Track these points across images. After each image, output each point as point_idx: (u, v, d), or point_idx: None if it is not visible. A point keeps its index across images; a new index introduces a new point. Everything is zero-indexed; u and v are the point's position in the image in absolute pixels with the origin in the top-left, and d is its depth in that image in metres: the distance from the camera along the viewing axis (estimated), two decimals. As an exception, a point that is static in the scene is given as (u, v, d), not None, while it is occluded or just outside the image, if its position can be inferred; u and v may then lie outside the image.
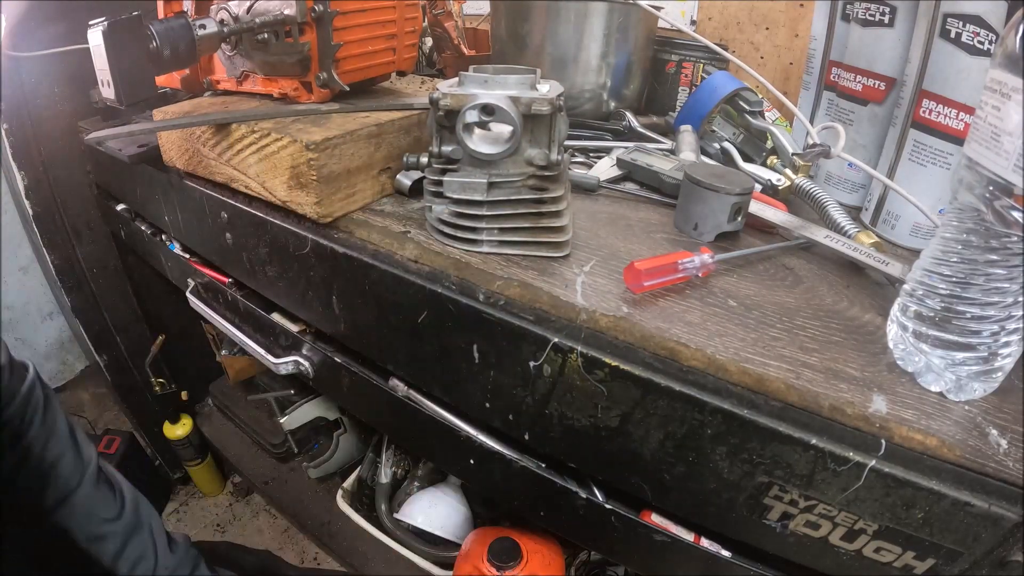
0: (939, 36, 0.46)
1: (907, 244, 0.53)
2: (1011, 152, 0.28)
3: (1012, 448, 0.31)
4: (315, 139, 0.48)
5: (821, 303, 0.42)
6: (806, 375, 0.35)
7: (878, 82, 0.56)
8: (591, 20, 0.71)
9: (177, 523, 1.20)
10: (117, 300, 1.07)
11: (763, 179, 0.58)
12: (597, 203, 0.58)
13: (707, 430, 0.37)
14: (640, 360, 0.38)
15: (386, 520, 0.88)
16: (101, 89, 0.51)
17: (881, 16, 0.53)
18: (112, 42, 0.48)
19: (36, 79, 0.86)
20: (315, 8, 0.51)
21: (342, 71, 0.56)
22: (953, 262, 0.32)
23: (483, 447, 0.51)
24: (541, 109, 0.41)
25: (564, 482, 0.47)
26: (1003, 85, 0.28)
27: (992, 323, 0.31)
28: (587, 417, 0.41)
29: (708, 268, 0.43)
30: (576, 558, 0.76)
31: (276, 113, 0.54)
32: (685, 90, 0.82)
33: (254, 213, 0.57)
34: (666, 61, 0.82)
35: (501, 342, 0.43)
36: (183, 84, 0.65)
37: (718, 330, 0.38)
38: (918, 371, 0.35)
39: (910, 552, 0.34)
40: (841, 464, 0.33)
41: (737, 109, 0.68)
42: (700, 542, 0.44)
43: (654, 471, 0.41)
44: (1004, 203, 0.29)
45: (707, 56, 0.80)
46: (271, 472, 1.12)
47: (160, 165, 0.65)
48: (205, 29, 0.52)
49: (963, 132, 0.46)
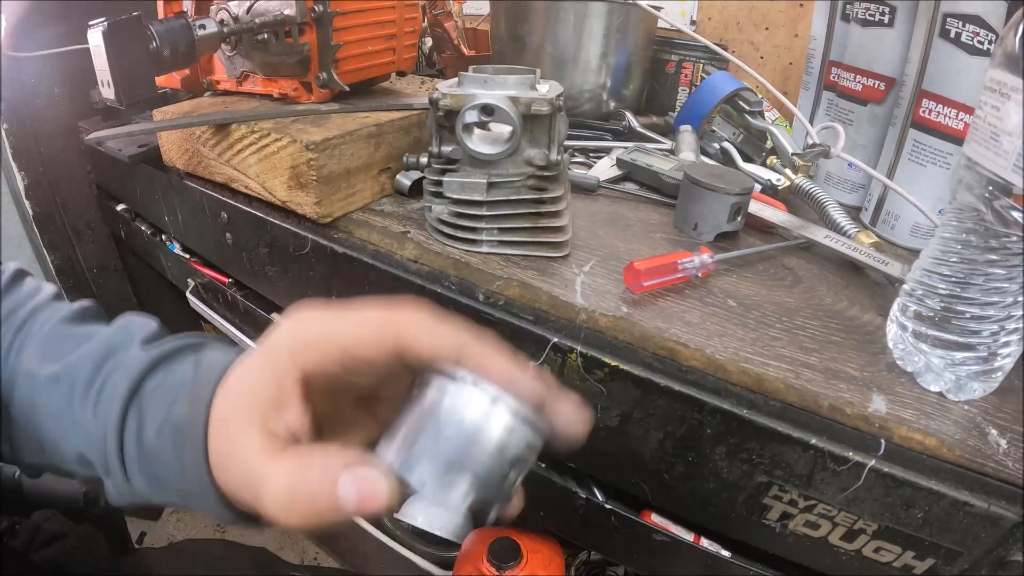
0: (939, 36, 0.46)
1: (907, 244, 0.53)
2: (1011, 152, 0.28)
3: (1012, 448, 0.31)
4: (315, 139, 0.48)
5: (821, 303, 0.42)
6: (805, 375, 0.35)
7: (878, 82, 0.56)
8: (591, 20, 0.71)
9: (177, 523, 1.19)
10: (117, 300, 1.07)
11: (763, 179, 0.58)
12: (597, 203, 0.58)
13: (706, 430, 0.37)
14: (640, 360, 0.38)
15: (386, 520, 0.88)
16: (101, 89, 0.51)
17: (881, 16, 0.53)
18: (112, 42, 0.48)
19: (36, 79, 0.86)
20: (315, 8, 0.51)
21: (342, 71, 0.56)
22: (953, 262, 0.32)
23: (483, 447, 0.51)
24: (541, 109, 0.41)
25: (564, 482, 0.47)
26: (1003, 85, 0.28)
27: (992, 323, 0.31)
28: (587, 417, 0.41)
29: (708, 268, 0.43)
30: (576, 558, 0.76)
31: (276, 113, 0.54)
32: (685, 90, 0.82)
33: (254, 213, 0.57)
34: (666, 61, 0.82)
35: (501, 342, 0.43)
36: (183, 84, 0.65)
37: (717, 330, 0.38)
38: (918, 371, 0.35)
39: (910, 552, 0.34)
40: (841, 464, 0.33)
41: (737, 109, 0.68)
42: (700, 542, 0.44)
43: (654, 471, 0.41)
44: (1004, 203, 0.29)
45: (707, 56, 0.80)
46: (271, 472, 1.12)
47: (160, 165, 0.65)
48: (205, 29, 0.52)
49: (963, 132, 0.46)
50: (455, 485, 0.22)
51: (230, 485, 0.24)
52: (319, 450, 0.23)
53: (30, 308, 0.33)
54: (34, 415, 0.29)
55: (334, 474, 0.22)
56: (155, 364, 0.28)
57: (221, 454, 0.24)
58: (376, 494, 0.21)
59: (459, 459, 0.22)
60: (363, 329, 0.25)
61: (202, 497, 0.25)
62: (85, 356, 0.30)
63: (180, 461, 0.25)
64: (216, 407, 0.25)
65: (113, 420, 0.27)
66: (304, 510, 0.22)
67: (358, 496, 0.21)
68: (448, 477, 0.22)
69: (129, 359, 0.29)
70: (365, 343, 0.24)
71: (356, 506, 0.21)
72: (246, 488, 0.23)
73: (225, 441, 0.24)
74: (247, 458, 0.23)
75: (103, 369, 0.29)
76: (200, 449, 0.24)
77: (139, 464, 0.27)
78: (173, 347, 0.30)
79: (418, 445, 0.23)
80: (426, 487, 0.22)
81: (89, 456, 0.28)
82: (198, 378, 0.27)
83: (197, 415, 0.25)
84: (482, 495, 0.23)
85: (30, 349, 0.31)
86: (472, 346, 0.24)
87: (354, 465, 0.22)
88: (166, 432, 0.26)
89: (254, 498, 0.23)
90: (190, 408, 0.25)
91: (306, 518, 0.22)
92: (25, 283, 0.35)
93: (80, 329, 0.32)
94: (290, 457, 0.23)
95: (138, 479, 0.27)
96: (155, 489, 0.27)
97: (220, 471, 0.24)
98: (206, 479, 0.25)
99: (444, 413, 0.23)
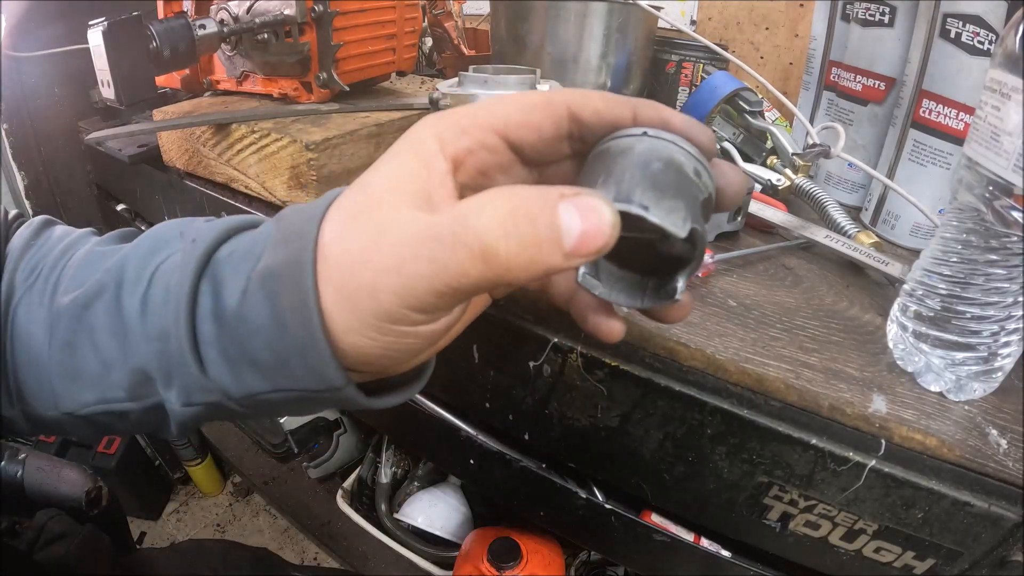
0: (939, 36, 0.46)
1: (907, 244, 0.53)
2: (1011, 152, 0.28)
3: (1012, 448, 0.31)
4: (315, 139, 0.48)
5: (821, 303, 0.42)
6: (806, 375, 0.35)
7: (878, 82, 0.56)
8: (591, 20, 0.71)
9: (177, 523, 1.20)
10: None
11: (763, 179, 0.58)
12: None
13: (707, 430, 0.37)
14: (640, 360, 0.38)
15: (386, 520, 0.88)
16: (101, 89, 0.51)
17: (881, 16, 0.53)
18: (112, 42, 0.48)
19: (36, 79, 0.86)
20: (315, 8, 0.51)
21: (342, 71, 0.56)
22: (953, 262, 0.32)
23: (483, 447, 0.51)
24: (541, 109, 0.41)
25: (564, 482, 0.47)
26: (1003, 85, 0.28)
27: (992, 323, 0.31)
28: (587, 417, 0.41)
29: (708, 268, 0.43)
30: (576, 558, 0.76)
31: (276, 113, 0.54)
32: (685, 90, 0.82)
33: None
34: (666, 61, 0.82)
35: (501, 342, 0.43)
36: (183, 84, 0.65)
37: (718, 330, 0.38)
38: (918, 371, 0.35)
39: (910, 552, 0.34)
40: (841, 464, 0.33)
41: (737, 109, 0.68)
42: (700, 542, 0.44)
43: (654, 471, 0.41)
44: (1004, 203, 0.28)
45: (707, 56, 0.80)
46: (271, 472, 1.12)
47: (160, 165, 0.65)
48: (205, 29, 0.52)
49: (963, 132, 0.46)
50: (676, 208, 0.21)
51: (364, 285, 0.20)
52: (525, 185, 0.20)
53: (63, 247, 0.29)
54: (76, 342, 0.25)
55: (553, 199, 0.19)
56: (226, 234, 0.25)
57: (369, 230, 0.20)
58: (601, 221, 0.18)
59: (670, 186, 0.21)
60: (527, 106, 0.23)
61: (307, 354, 0.21)
62: (128, 256, 0.26)
63: (275, 311, 0.21)
64: (340, 210, 0.22)
65: (183, 300, 0.22)
66: (527, 232, 0.18)
67: (582, 222, 0.18)
68: (666, 202, 0.21)
69: (192, 232, 0.25)
70: (532, 117, 0.23)
71: (579, 236, 0.18)
72: (429, 244, 0.19)
73: (376, 217, 0.21)
74: (416, 217, 0.20)
75: (151, 262, 0.25)
76: (308, 287, 0.20)
77: (219, 343, 0.23)
78: (239, 219, 0.25)
79: (626, 181, 0.21)
80: (649, 211, 0.20)
81: (146, 367, 0.24)
82: (290, 222, 0.23)
83: (303, 246, 0.21)
84: (696, 223, 0.22)
85: (67, 277, 0.27)
86: (646, 105, 0.23)
87: (569, 194, 0.19)
88: (253, 287, 0.22)
89: (452, 237, 0.19)
90: (286, 247, 0.22)
91: (527, 247, 0.18)
92: (55, 230, 0.31)
93: (120, 245, 0.28)
94: (497, 188, 0.20)
95: (217, 365, 0.23)
96: (240, 371, 0.23)
97: (348, 274, 0.20)
98: (313, 320, 0.20)
99: (639, 155, 0.22)
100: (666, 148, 0.22)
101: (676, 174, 0.22)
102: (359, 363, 0.22)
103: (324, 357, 0.21)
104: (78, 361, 0.25)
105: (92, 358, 0.25)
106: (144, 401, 0.25)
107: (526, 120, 0.23)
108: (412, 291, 0.20)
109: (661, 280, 0.24)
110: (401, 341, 0.22)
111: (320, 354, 0.21)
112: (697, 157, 0.23)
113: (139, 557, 0.60)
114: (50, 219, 0.32)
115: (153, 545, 1.11)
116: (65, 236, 0.30)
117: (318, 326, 0.21)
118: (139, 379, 0.25)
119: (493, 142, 0.23)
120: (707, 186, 0.23)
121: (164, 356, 0.23)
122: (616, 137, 0.23)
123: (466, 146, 0.22)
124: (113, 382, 0.25)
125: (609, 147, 0.23)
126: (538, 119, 0.23)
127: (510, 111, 0.23)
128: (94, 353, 0.25)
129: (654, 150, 0.22)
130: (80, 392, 0.26)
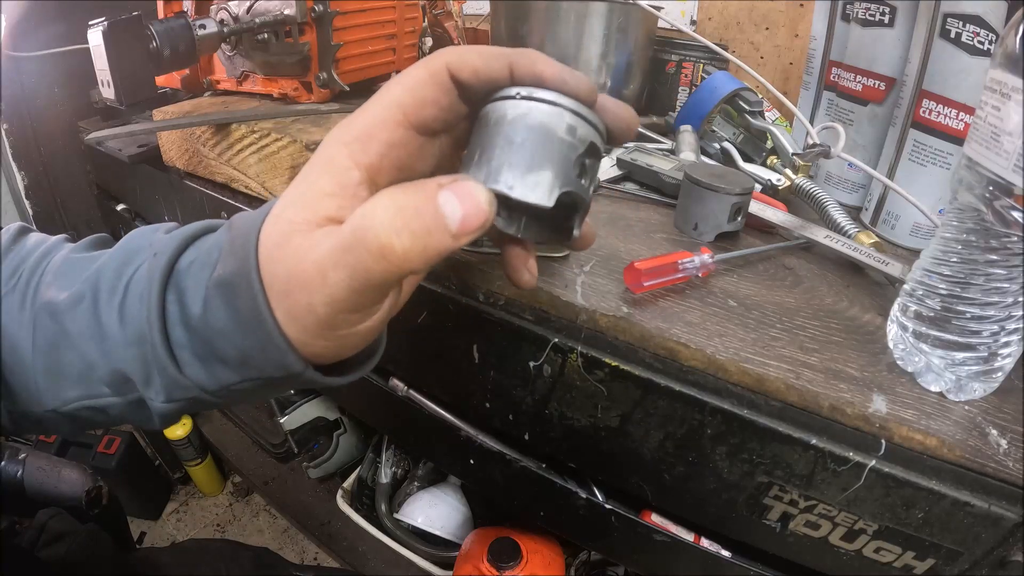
0: (939, 36, 0.46)
1: (907, 244, 0.53)
2: (1011, 152, 0.28)
3: (1012, 448, 0.31)
4: (315, 139, 0.48)
5: (821, 303, 0.42)
6: (806, 375, 0.35)
7: (878, 82, 0.56)
8: (591, 20, 0.71)
9: (177, 523, 1.20)
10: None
11: (763, 179, 0.58)
12: (597, 203, 0.58)
13: (707, 430, 0.37)
14: (640, 360, 0.38)
15: (386, 520, 0.88)
16: (101, 89, 0.51)
17: (881, 16, 0.53)
18: (112, 42, 0.48)
19: (36, 79, 0.86)
20: (315, 8, 0.51)
21: (342, 71, 0.56)
22: (953, 262, 0.32)
23: (483, 447, 0.51)
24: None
25: (564, 482, 0.47)
26: (1003, 85, 0.28)
27: (992, 323, 0.31)
28: (587, 417, 0.41)
29: (708, 268, 0.43)
30: (576, 558, 0.76)
31: (276, 113, 0.54)
32: (685, 90, 0.82)
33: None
34: (666, 61, 0.82)
35: (501, 342, 0.43)
36: (183, 84, 0.65)
37: (718, 330, 0.38)
38: (918, 371, 0.35)
39: (910, 552, 0.34)
40: (841, 464, 0.33)
41: (737, 109, 0.68)
42: (700, 542, 0.44)
43: (654, 471, 0.41)
44: (1004, 203, 0.29)
45: (707, 56, 0.80)
46: (271, 472, 1.12)
47: (160, 165, 0.65)
48: (205, 29, 0.52)
49: (963, 132, 0.46)
50: (540, 181, 0.23)
51: (301, 303, 0.23)
52: (406, 183, 0.22)
53: (41, 252, 0.31)
54: (60, 344, 0.27)
55: (432, 192, 0.21)
56: (184, 244, 0.27)
57: (288, 257, 0.23)
58: (477, 204, 0.21)
59: (535, 157, 0.23)
60: (414, 84, 0.24)
61: (267, 349, 0.24)
62: (104, 267, 0.28)
63: (235, 316, 0.24)
64: (265, 236, 0.23)
65: (153, 310, 0.25)
66: (415, 226, 0.21)
67: (461, 208, 0.21)
68: (531, 176, 0.23)
69: (155, 245, 0.27)
70: (424, 94, 0.24)
71: (462, 220, 0.21)
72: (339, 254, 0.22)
73: (292, 245, 0.23)
74: (327, 234, 0.22)
75: (124, 273, 0.27)
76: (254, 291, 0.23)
77: (190, 346, 0.25)
78: (197, 227, 0.28)
79: (495, 159, 0.23)
80: (514, 189, 0.23)
81: (125, 369, 0.26)
82: (237, 232, 0.25)
83: (246, 256, 0.23)
84: (566, 187, 0.24)
85: (46, 282, 0.29)
86: (520, 56, 0.24)
87: (446, 183, 0.22)
88: (211, 295, 0.24)
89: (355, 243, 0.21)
90: (234, 258, 0.24)
91: (418, 238, 0.21)
92: (30, 237, 0.34)
93: (94, 253, 0.31)
94: (383, 191, 0.22)
95: (192, 366, 0.26)
96: (212, 368, 0.26)
97: (285, 296, 0.23)
98: (268, 323, 0.23)
99: (509, 125, 0.24)
100: (535, 113, 0.24)
101: (543, 141, 0.24)
102: (315, 359, 0.25)
103: (282, 350, 0.24)
104: (62, 361, 0.27)
105: (76, 358, 0.27)
106: (127, 396, 0.27)
107: (419, 99, 0.24)
108: (337, 297, 0.22)
109: (569, 222, 0.28)
110: (347, 340, 0.25)
111: (278, 348, 0.24)
112: (573, 109, 0.24)
113: (141, 556, 0.60)
114: (25, 226, 0.35)
115: (153, 545, 1.11)
116: (41, 242, 0.33)
117: (272, 326, 0.23)
118: (121, 378, 0.27)
119: (399, 136, 0.24)
120: (585, 137, 0.25)
121: (144, 359, 0.26)
122: (493, 100, 0.25)
123: (376, 152, 0.24)
124: (97, 379, 0.27)
125: (487, 113, 0.25)
126: (430, 94, 0.24)
127: (403, 98, 0.24)
128: (77, 355, 0.27)
129: (523, 118, 0.24)
130: (64, 389, 0.28)
